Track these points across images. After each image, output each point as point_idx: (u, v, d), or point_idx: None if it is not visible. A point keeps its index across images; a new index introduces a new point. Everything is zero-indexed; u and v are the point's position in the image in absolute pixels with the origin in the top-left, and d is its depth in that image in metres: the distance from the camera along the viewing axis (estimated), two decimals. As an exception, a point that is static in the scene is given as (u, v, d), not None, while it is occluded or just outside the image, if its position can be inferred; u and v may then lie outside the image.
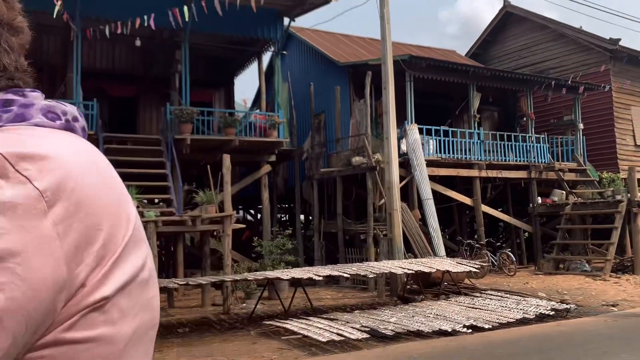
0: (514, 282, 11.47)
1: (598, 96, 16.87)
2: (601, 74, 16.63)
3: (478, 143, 14.15)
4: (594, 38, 17.46)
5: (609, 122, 16.88)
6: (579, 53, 17.91)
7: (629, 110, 17.36)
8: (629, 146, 17.12)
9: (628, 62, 17.06)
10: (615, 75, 16.98)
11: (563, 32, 18.30)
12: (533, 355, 5.54)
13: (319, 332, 6.53)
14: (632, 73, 17.46)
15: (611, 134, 16.80)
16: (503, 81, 14.89)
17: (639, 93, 17.69)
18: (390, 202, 10.55)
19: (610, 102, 16.89)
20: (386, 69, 10.71)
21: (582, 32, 17.92)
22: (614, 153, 16.65)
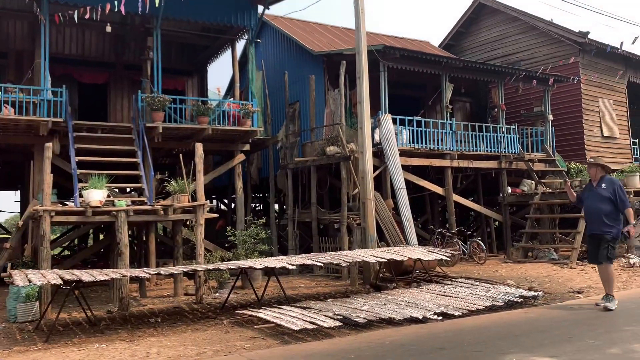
0: (484, 270, 11.69)
1: (567, 88, 17.22)
2: (570, 66, 16.97)
3: (450, 133, 14.31)
4: (564, 31, 17.78)
5: (577, 113, 17.26)
6: (549, 45, 18.22)
7: (597, 102, 17.76)
8: (596, 137, 17.55)
9: (596, 55, 17.43)
10: (583, 67, 17.35)
11: (534, 25, 18.58)
12: (501, 341, 5.67)
13: (292, 320, 6.56)
14: (600, 66, 17.86)
15: (579, 125, 17.19)
16: (475, 72, 15.06)
17: (606, 85, 18.12)
18: (363, 192, 10.63)
19: (579, 94, 17.25)
20: (360, 59, 10.73)
21: (552, 25, 18.22)
22: (582, 144, 17.05)
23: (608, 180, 7.48)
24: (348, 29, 18.99)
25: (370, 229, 10.48)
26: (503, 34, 19.61)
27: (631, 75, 18.88)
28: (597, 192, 7.41)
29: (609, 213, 7.25)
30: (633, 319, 6.59)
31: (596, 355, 4.98)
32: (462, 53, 20.39)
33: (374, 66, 12.91)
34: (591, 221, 7.51)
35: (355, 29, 10.93)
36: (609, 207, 7.27)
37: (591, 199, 7.51)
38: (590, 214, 7.51)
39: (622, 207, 7.25)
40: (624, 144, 18.59)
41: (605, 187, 7.37)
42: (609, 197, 7.26)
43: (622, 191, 7.32)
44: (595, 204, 7.39)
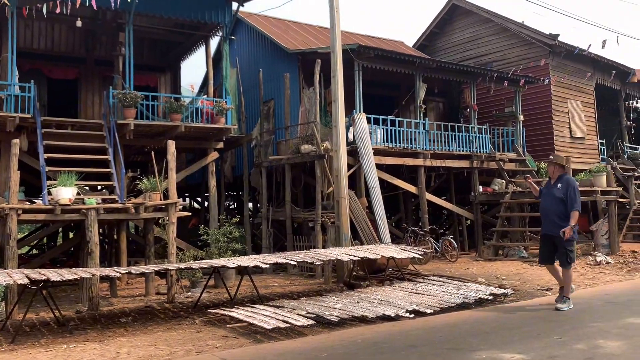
0: (456, 268, 11.85)
1: (537, 89, 17.55)
2: (541, 67, 17.31)
3: (423, 133, 14.45)
4: (535, 33, 18.11)
5: (547, 114, 17.61)
6: (520, 47, 18.54)
7: (566, 103, 18.15)
8: (565, 138, 17.93)
9: (565, 57, 17.81)
10: (553, 69, 17.70)
11: (506, 26, 18.88)
12: (471, 338, 5.76)
13: (265, 319, 6.55)
14: (569, 68, 18.25)
15: (549, 125, 17.54)
16: (448, 73, 15.24)
17: (575, 87, 18.53)
18: (338, 190, 10.66)
19: (549, 95, 17.60)
20: (335, 58, 10.75)
21: (524, 27, 18.54)
22: (552, 144, 17.39)
23: (565, 180, 7.33)
24: (323, 28, 19.00)
25: (344, 227, 10.51)
26: (476, 35, 19.88)
27: (599, 78, 19.34)
28: (552, 192, 7.29)
29: (561, 213, 7.11)
30: (598, 315, 6.76)
31: (563, 351, 5.09)
32: (436, 53, 20.60)
33: (349, 65, 12.94)
34: (545, 221, 7.40)
35: (330, 28, 10.94)
36: (561, 207, 7.12)
37: (546, 198, 7.41)
38: (545, 214, 7.41)
39: (569, 208, 7.06)
40: (592, 145, 19.04)
41: (561, 187, 7.23)
42: (561, 198, 7.13)
43: (575, 192, 7.15)
44: (549, 204, 7.30)
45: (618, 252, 13.82)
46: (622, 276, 10.48)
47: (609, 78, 19.21)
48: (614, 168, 17.79)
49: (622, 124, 21.04)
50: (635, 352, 5.02)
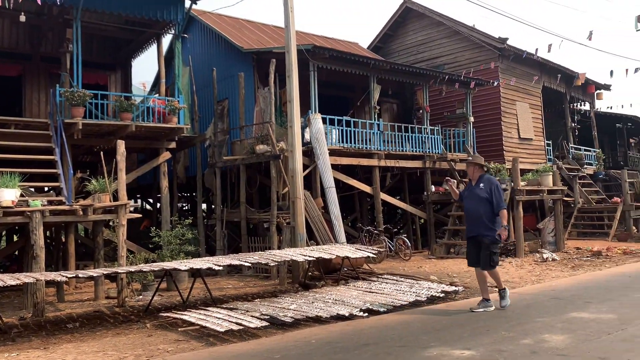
0: (409, 266, 12.03)
1: (487, 91, 18.04)
2: (490, 70, 17.80)
3: (378, 134, 14.62)
4: (485, 36, 18.61)
5: (496, 116, 18.12)
6: (471, 50, 19.01)
7: (515, 105, 18.73)
8: (513, 139, 18.50)
9: (514, 60, 18.38)
10: (502, 72, 18.24)
11: (458, 30, 19.33)
12: (423, 336, 5.86)
13: (218, 322, 6.46)
14: (518, 71, 18.85)
15: (498, 127, 18.06)
16: (401, 74, 15.47)
17: (523, 90, 19.15)
18: (293, 191, 10.63)
19: (498, 97, 18.12)
20: (290, 58, 10.72)
21: (474, 30, 19.03)
22: (501, 145, 17.92)
23: (486, 179, 7.17)
24: (278, 27, 18.94)
25: (299, 227, 10.50)
26: (428, 37, 20.26)
27: (545, 81, 20.05)
28: (475, 192, 7.09)
29: (486, 214, 6.94)
30: (544, 310, 6.99)
31: (510, 346, 5.24)
32: (390, 55, 20.88)
33: (304, 65, 12.94)
34: (469, 223, 7.21)
35: (285, 28, 10.91)
36: (487, 208, 6.95)
37: (469, 200, 7.20)
38: (469, 215, 7.22)
39: (496, 208, 6.91)
40: (539, 145, 19.72)
41: (483, 186, 7.04)
42: (486, 198, 6.95)
43: (499, 191, 6.99)
44: (473, 205, 7.10)
45: (564, 249, 14.37)
46: (567, 272, 10.89)
47: (555, 81, 19.95)
48: (560, 168, 18.52)
49: (567, 126, 21.89)
50: (577, 345, 5.22)
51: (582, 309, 6.89)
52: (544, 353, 4.97)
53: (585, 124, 23.35)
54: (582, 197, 18.91)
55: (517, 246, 13.40)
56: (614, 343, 5.24)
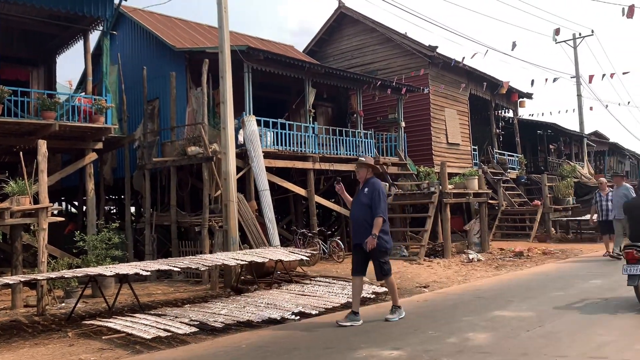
0: (342, 268, 12.15)
1: (418, 98, 18.59)
2: (421, 77, 18.36)
3: (313, 137, 14.69)
4: (416, 44, 19.18)
5: (426, 121, 18.71)
6: (403, 57, 19.53)
7: (443, 111, 19.40)
8: (442, 144, 19.16)
9: (443, 67, 19.05)
10: (432, 79, 18.85)
11: (390, 37, 19.80)
12: (354, 337, 5.93)
13: (145, 329, 6.26)
14: (446, 78, 19.54)
15: (428, 132, 18.65)
16: (336, 79, 15.65)
17: (451, 96, 19.87)
18: (226, 193, 10.48)
19: (428, 103, 18.71)
20: (223, 58, 10.58)
21: (406, 38, 19.56)
22: (430, 149, 18.51)
23: (371, 184, 6.61)
24: (212, 27, 18.62)
25: (232, 231, 10.36)
26: (362, 43, 20.62)
27: (472, 88, 20.91)
28: (359, 198, 6.60)
29: (369, 221, 6.41)
30: (469, 309, 7.27)
31: (437, 345, 5.41)
32: (325, 59, 21.07)
33: (239, 67, 12.82)
34: (354, 230, 6.72)
35: (219, 28, 10.76)
36: (369, 214, 6.44)
37: (354, 205, 6.71)
38: (353, 222, 6.73)
39: (373, 213, 6.38)
40: (466, 150, 20.52)
41: (367, 191, 6.53)
42: (368, 204, 6.46)
43: (380, 196, 6.43)
44: (356, 211, 6.62)
45: (488, 250, 15.01)
46: (491, 272, 11.38)
47: (481, 89, 20.85)
48: (485, 172, 19.36)
49: (492, 132, 22.92)
50: (499, 342, 5.46)
51: (504, 308, 7.22)
52: (468, 351, 5.16)
53: (509, 130, 24.55)
54: (506, 200, 19.84)
55: (445, 247, 13.87)
56: (532, 339, 5.52)
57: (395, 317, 6.56)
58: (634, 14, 12.40)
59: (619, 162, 40.30)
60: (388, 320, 6.50)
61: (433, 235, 14.93)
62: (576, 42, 30.61)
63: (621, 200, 11.76)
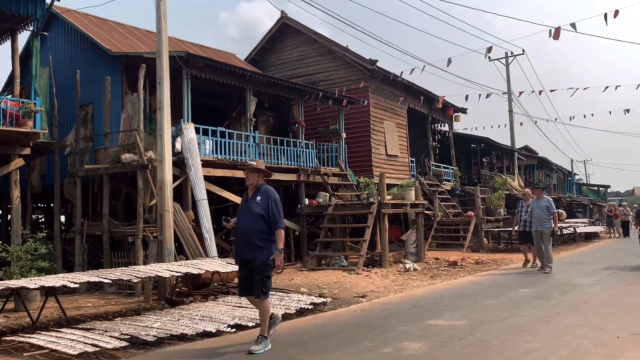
0: (281, 279, 12.07)
1: (358, 109, 18.87)
2: (361, 89, 18.67)
3: (253, 146, 14.58)
4: (357, 57, 19.51)
5: (366, 133, 19.01)
6: (344, 69, 19.81)
7: (383, 124, 19.79)
8: (381, 155, 19.51)
9: (382, 81, 19.46)
10: (372, 92, 19.21)
11: (332, 49, 20.04)
12: (290, 349, 5.87)
13: (71, 344, 5.94)
14: (386, 91, 19.97)
15: (368, 143, 18.95)
16: (277, 88, 15.63)
17: (390, 109, 20.31)
18: (161, 203, 10.19)
19: (368, 115, 19.04)
20: (161, 64, 10.34)
21: (347, 51, 19.86)
22: (370, 160, 18.81)
23: (264, 191, 5.88)
24: (151, 32, 18.18)
25: (167, 241, 10.07)
26: (305, 54, 20.75)
27: (410, 102, 21.47)
28: (249, 207, 5.81)
29: (259, 233, 5.74)
30: (404, 319, 7.37)
31: (372, 355, 5.44)
32: (267, 69, 21.04)
33: (178, 73, 12.57)
34: (239, 243, 5.92)
35: (157, 32, 10.51)
36: (261, 226, 5.75)
37: (242, 216, 5.90)
38: (239, 235, 5.90)
39: (273, 226, 5.74)
40: (404, 162, 21.01)
41: (260, 200, 5.80)
42: (261, 214, 5.74)
43: (278, 206, 5.80)
44: (245, 222, 5.81)
45: (424, 259, 15.36)
46: (427, 281, 11.63)
47: (418, 103, 21.43)
48: (422, 183, 19.87)
49: (429, 145, 23.59)
50: (432, 351, 5.55)
51: (438, 317, 7.38)
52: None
53: (445, 143, 25.35)
54: (441, 211, 20.42)
55: (383, 257, 14.06)
56: (464, 348, 5.66)
57: (260, 349, 5.63)
58: (559, 36, 13.15)
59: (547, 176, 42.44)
60: (252, 353, 5.56)
61: (372, 245, 15.12)
62: (508, 61, 32.10)
63: (543, 212, 12.30)
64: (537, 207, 12.48)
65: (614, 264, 13.73)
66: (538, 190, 13.03)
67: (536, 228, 12.43)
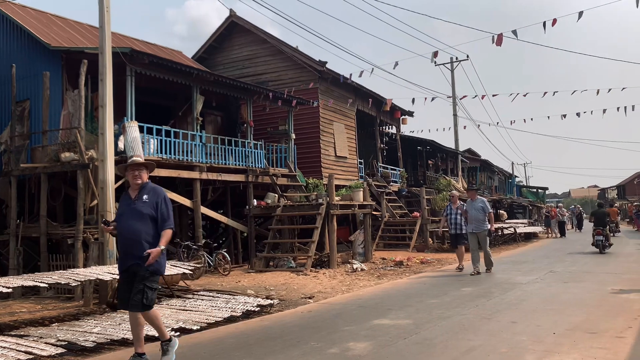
0: (228, 281, 11.92)
1: (308, 110, 18.89)
2: (311, 91, 18.70)
3: (200, 146, 14.32)
4: (307, 58, 19.52)
5: (315, 134, 19.05)
6: (294, 70, 19.78)
7: (332, 125, 19.89)
8: (330, 156, 19.61)
9: (332, 83, 19.57)
10: (322, 93, 19.27)
11: (281, 49, 19.97)
12: (235, 352, 5.79)
13: (2, 352, 5.63)
14: (335, 93, 20.08)
15: (317, 145, 19.00)
16: (225, 87, 15.43)
17: (340, 111, 20.44)
18: (103, 204, 9.86)
19: (318, 117, 19.09)
20: (104, 60, 10.01)
21: (297, 52, 19.84)
22: (319, 162, 18.86)
23: (152, 189, 5.28)
24: (94, 27, 17.56)
25: (109, 243, 9.74)
26: (254, 53, 20.59)
27: (359, 104, 21.68)
28: (135, 208, 5.14)
29: (148, 236, 5.09)
30: (351, 319, 7.42)
31: (318, 357, 5.43)
32: (216, 67, 20.73)
33: (121, 70, 12.18)
34: (124, 250, 5.20)
35: (99, 27, 10.17)
36: (150, 227, 5.12)
37: (126, 218, 5.17)
38: (124, 239, 5.17)
39: (161, 226, 5.12)
40: (353, 163, 21.19)
41: (148, 199, 5.18)
42: (152, 214, 5.13)
43: (167, 206, 5.24)
44: (131, 225, 5.10)
45: (371, 260, 15.53)
46: (374, 281, 11.75)
47: (367, 105, 21.67)
48: (370, 185, 20.09)
49: (377, 146, 23.90)
50: (377, 351, 5.60)
51: (384, 316, 7.46)
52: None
53: (392, 145, 25.76)
54: (388, 212, 20.72)
55: (331, 258, 14.12)
56: (408, 347, 5.74)
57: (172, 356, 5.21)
58: (502, 42, 13.61)
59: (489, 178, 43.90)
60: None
61: (320, 246, 15.16)
62: (453, 66, 32.97)
63: (479, 213, 12.20)
64: (472, 208, 12.31)
65: (551, 263, 14.34)
66: (471, 192, 12.95)
67: (472, 230, 12.26)
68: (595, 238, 17.14)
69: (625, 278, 10.76)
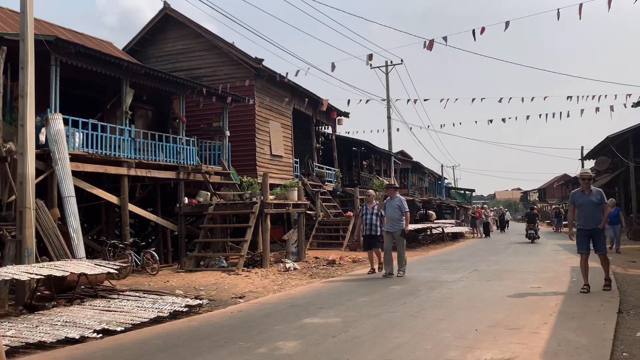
0: (156, 281, 11.58)
1: (244, 108, 18.69)
2: (247, 88, 18.52)
3: (129, 140, 13.84)
4: (243, 55, 19.32)
5: (251, 132, 18.89)
6: (230, 66, 19.51)
7: (268, 123, 19.79)
8: (266, 155, 19.49)
9: (268, 80, 19.46)
10: (258, 91, 19.13)
11: (217, 44, 19.66)
12: (161, 353, 5.62)
13: None
14: (272, 91, 19.99)
15: (252, 143, 18.84)
16: (157, 81, 15.00)
17: (276, 109, 20.37)
18: (22, 199, 9.31)
19: (253, 114, 18.93)
20: (25, 47, 9.45)
21: (233, 48, 19.59)
22: (254, 160, 18.71)
23: None
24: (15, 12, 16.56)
25: (28, 241, 9.21)
26: (188, 48, 20.13)
27: (296, 103, 21.70)
28: None
29: None
30: (281, 318, 7.39)
31: (246, 357, 5.36)
32: (148, 60, 20.09)
33: (45, 59, 11.57)
34: None
35: (21, 13, 9.59)
36: None
37: None
38: None
39: None
40: (288, 162, 21.17)
41: None
42: None
43: None
44: None
45: (305, 259, 15.57)
46: (306, 280, 11.78)
47: (303, 104, 21.73)
48: (305, 184, 20.16)
49: (313, 146, 24.02)
50: (307, 350, 5.61)
51: (314, 315, 7.48)
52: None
53: (328, 145, 25.97)
54: (323, 211, 20.87)
55: (264, 257, 14.04)
56: (337, 345, 5.78)
57: None
58: (432, 47, 14.05)
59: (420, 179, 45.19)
60: None
61: (254, 246, 15.03)
62: (387, 69, 33.66)
63: (395, 212, 11.65)
64: (389, 206, 11.80)
65: (476, 262, 14.93)
66: (390, 190, 12.29)
67: (388, 229, 11.81)
68: (527, 232, 23.98)
69: (544, 277, 11.36)
